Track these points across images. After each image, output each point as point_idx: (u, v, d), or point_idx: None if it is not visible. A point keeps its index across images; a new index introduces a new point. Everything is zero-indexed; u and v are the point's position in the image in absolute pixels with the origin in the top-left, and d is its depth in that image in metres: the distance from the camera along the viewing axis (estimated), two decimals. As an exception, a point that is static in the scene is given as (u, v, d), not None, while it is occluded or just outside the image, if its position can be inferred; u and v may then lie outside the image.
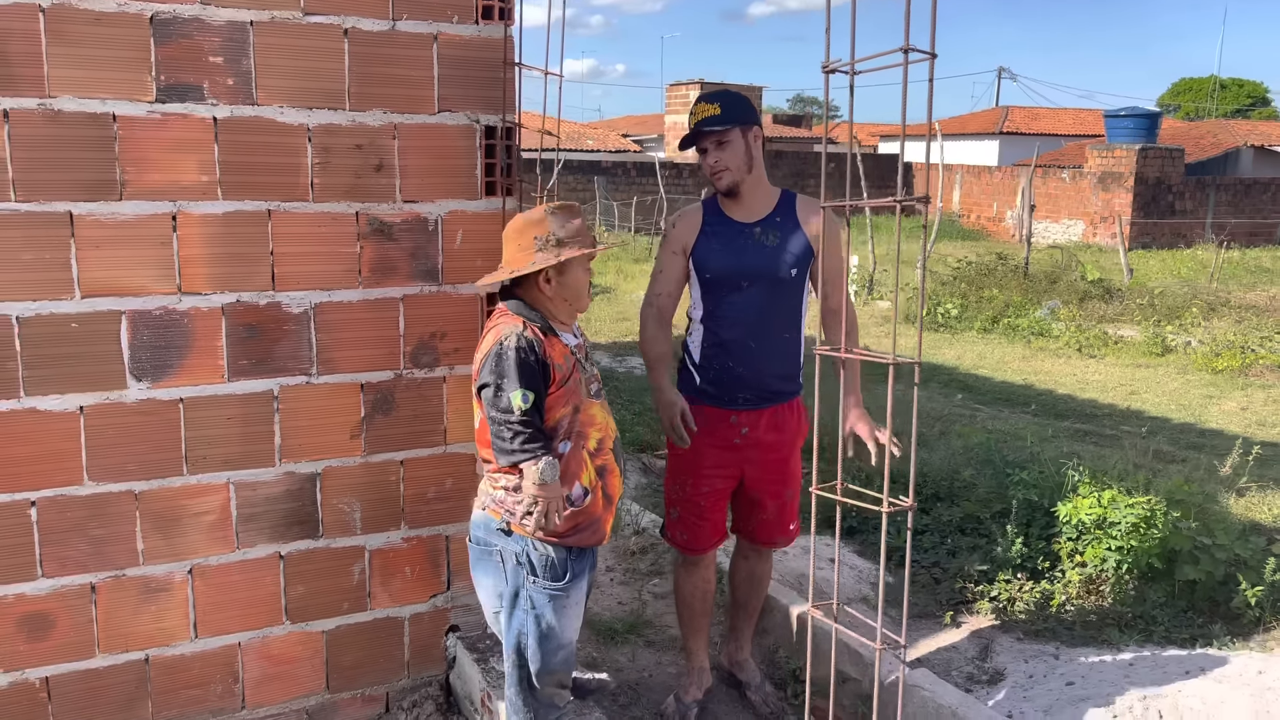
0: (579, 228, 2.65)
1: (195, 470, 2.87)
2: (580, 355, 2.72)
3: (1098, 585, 4.37)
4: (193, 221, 2.76)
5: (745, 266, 3.11)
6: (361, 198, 2.96)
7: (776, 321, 3.16)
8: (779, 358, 3.18)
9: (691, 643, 3.50)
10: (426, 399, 3.14)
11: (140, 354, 2.76)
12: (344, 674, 3.18)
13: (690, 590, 3.44)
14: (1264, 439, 7.05)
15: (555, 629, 2.67)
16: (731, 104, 3.09)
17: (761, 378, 3.17)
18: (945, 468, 5.45)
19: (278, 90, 2.80)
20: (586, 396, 2.67)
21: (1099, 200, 25.73)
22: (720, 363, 3.17)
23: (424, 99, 2.99)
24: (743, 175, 3.10)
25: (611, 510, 2.74)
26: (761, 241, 3.13)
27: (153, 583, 2.88)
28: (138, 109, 2.67)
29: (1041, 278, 14.49)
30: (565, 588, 2.66)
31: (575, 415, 2.63)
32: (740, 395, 3.18)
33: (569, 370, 2.62)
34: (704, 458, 3.22)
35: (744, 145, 3.09)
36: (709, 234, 3.17)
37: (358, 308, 3.00)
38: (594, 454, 2.67)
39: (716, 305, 3.17)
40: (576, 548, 2.66)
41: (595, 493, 2.66)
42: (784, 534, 3.40)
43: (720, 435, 3.20)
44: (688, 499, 3.28)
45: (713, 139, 3.07)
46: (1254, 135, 32.31)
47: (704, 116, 3.08)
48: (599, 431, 2.69)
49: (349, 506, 3.09)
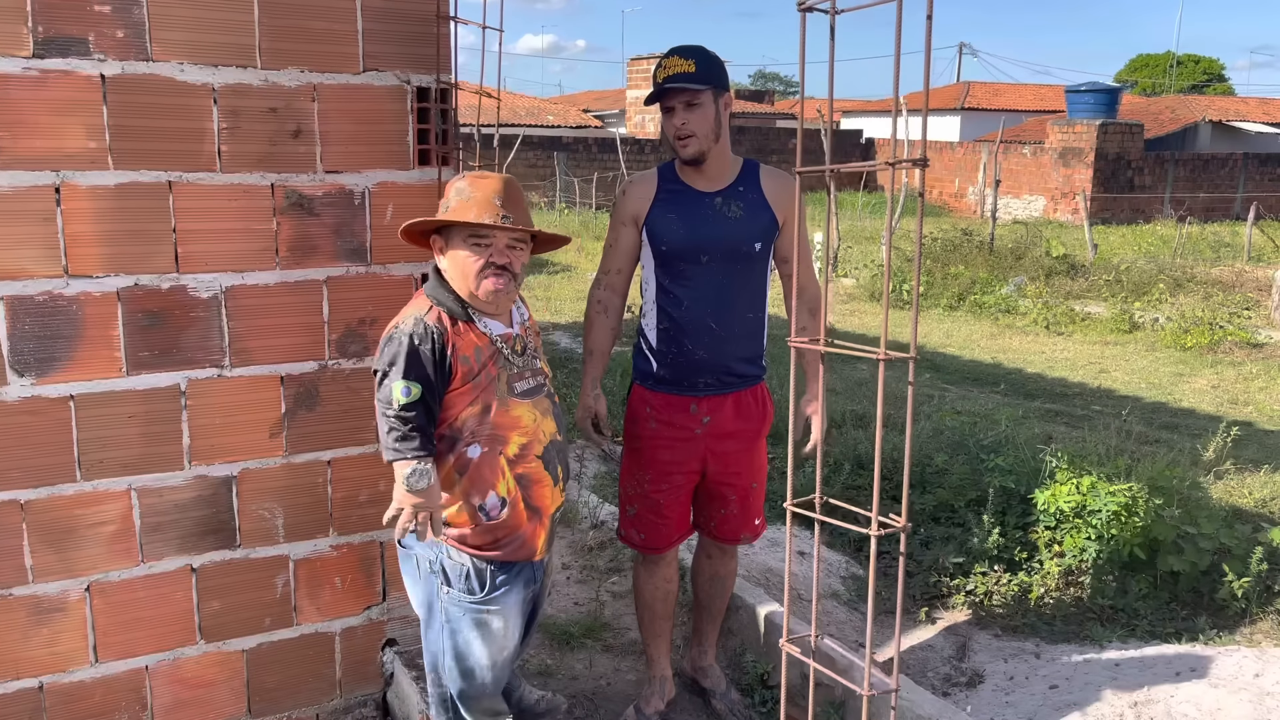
0: (479, 197, 2.28)
1: (91, 476, 2.55)
2: (509, 347, 2.39)
3: (1077, 577, 4.17)
4: (80, 194, 2.43)
5: (704, 238, 2.83)
6: (277, 168, 2.63)
7: (739, 300, 2.89)
8: (742, 339, 2.91)
9: (653, 648, 3.24)
10: (356, 392, 2.83)
11: (22, 346, 2.42)
12: (268, 696, 2.88)
13: (650, 592, 3.17)
14: (1237, 418, 6.93)
15: (472, 650, 2.38)
16: (707, 63, 2.78)
17: (723, 361, 2.90)
18: (916, 453, 5.22)
19: (176, 44, 2.46)
20: (506, 395, 2.34)
21: (1060, 176, 25.75)
22: (678, 346, 2.89)
23: (347, 56, 2.67)
24: (709, 144, 2.81)
25: (542, 523, 2.42)
26: (723, 212, 2.84)
27: (44, 602, 2.56)
28: (12, 65, 2.32)
29: (1007, 254, 14.37)
30: (483, 602, 2.36)
31: (486, 416, 2.31)
32: (700, 380, 2.91)
33: (481, 364, 2.31)
34: (662, 450, 2.95)
35: (714, 110, 2.80)
36: (665, 202, 2.87)
37: (275, 291, 2.69)
38: (514, 460, 2.35)
39: (673, 282, 2.88)
40: (503, 562, 2.37)
41: (515, 504, 2.35)
42: (749, 529, 3.13)
43: (679, 425, 2.93)
44: (645, 495, 3.00)
45: (683, 98, 2.76)
46: (1212, 110, 32.51)
47: (676, 72, 2.76)
48: (523, 436, 2.36)
49: (270, 512, 2.78)
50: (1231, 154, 28.01)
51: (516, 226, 2.30)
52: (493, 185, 2.29)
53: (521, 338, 2.45)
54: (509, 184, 2.33)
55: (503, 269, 2.30)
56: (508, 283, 2.32)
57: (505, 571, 2.38)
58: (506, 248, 2.32)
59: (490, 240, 2.30)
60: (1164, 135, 30.11)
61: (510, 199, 2.30)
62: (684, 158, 2.83)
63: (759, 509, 3.14)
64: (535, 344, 2.52)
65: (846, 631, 3.89)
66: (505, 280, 2.31)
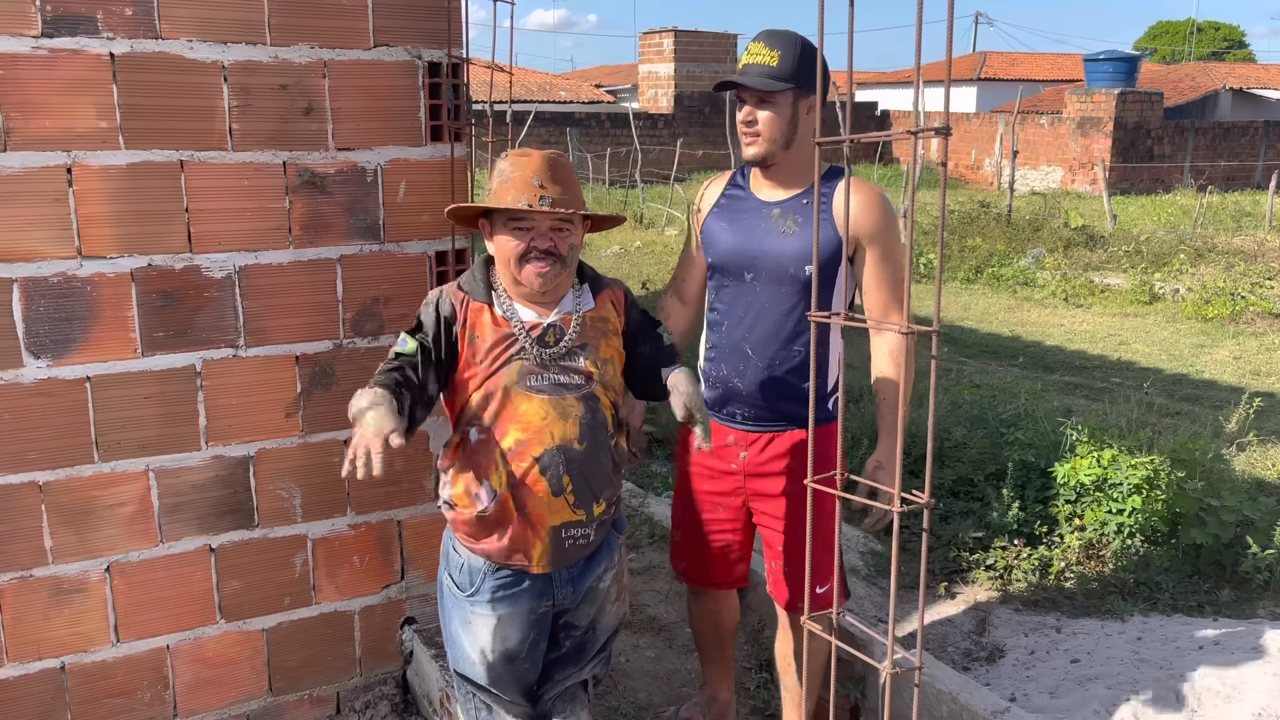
0: (518, 178, 2.10)
1: (108, 457, 2.55)
2: (529, 336, 2.18)
3: (1098, 550, 4.14)
4: (92, 174, 2.41)
5: (749, 253, 2.55)
6: (289, 145, 2.61)
7: (784, 329, 2.54)
8: (789, 374, 2.56)
9: (705, 670, 3.08)
10: (371, 371, 2.76)
11: (37, 327, 2.42)
12: (288, 675, 2.89)
13: (697, 621, 2.99)
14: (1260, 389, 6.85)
15: (461, 641, 2.30)
16: (795, 56, 2.44)
17: (762, 395, 2.59)
18: (935, 427, 5.18)
19: (185, 22, 2.44)
20: (514, 385, 2.16)
21: (1078, 146, 25.44)
22: (718, 370, 2.66)
23: (358, 31, 2.63)
24: (777, 149, 2.50)
25: (538, 536, 2.19)
26: (777, 226, 2.54)
27: (65, 583, 2.57)
28: (21, 45, 2.30)
29: (1025, 225, 14.24)
30: (469, 601, 2.26)
31: (488, 404, 2.16)
32: (737, 412, 2.64)
33: (490, 348, 2.16)
34: (703, 480, 2.76)
35: (791, 113, 2.47)
36: (723, 207, 2.64)
37: (289, 270, 2.67)
38: (508, 455, 2.15)
39: (718, 298, 2.65)
40: (500, 565, 2.23)
41: (504, 502, 2.17)
42: (802, 597, 2.59)
43: (720, 456, 2.69)
44: (689, 523, 2.81)
45: (755, 94, 2.46)
46: (1233, 78, 32.04)
47: (756, 62, 2.46)
48: (522, 432, 2.14)
49: (287, 492, 2.78)
50: (1252, 122, 27.60)
51: (555, 210, 2.10)
52: (533, 165, 2.12)
53: (559, 326, 2.20)
54: (552, 162, 2.14)
55: (547, 253, 2.13)
56: (553, 266, 2.14)
57: (503, 579, 2.23)
58: (551, 230, 2.14)
59: (531, 223, 2.13)
60: (1184, 104, 29.71)
61: (555, 178, 2.12)
62: (746, 157, 2.56)
63: (821, 575, 2.64)
64: (592, 341, 2.24)
65: (865, 606, 3.87)
66: (550, 264, 2.13)
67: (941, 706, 2.90)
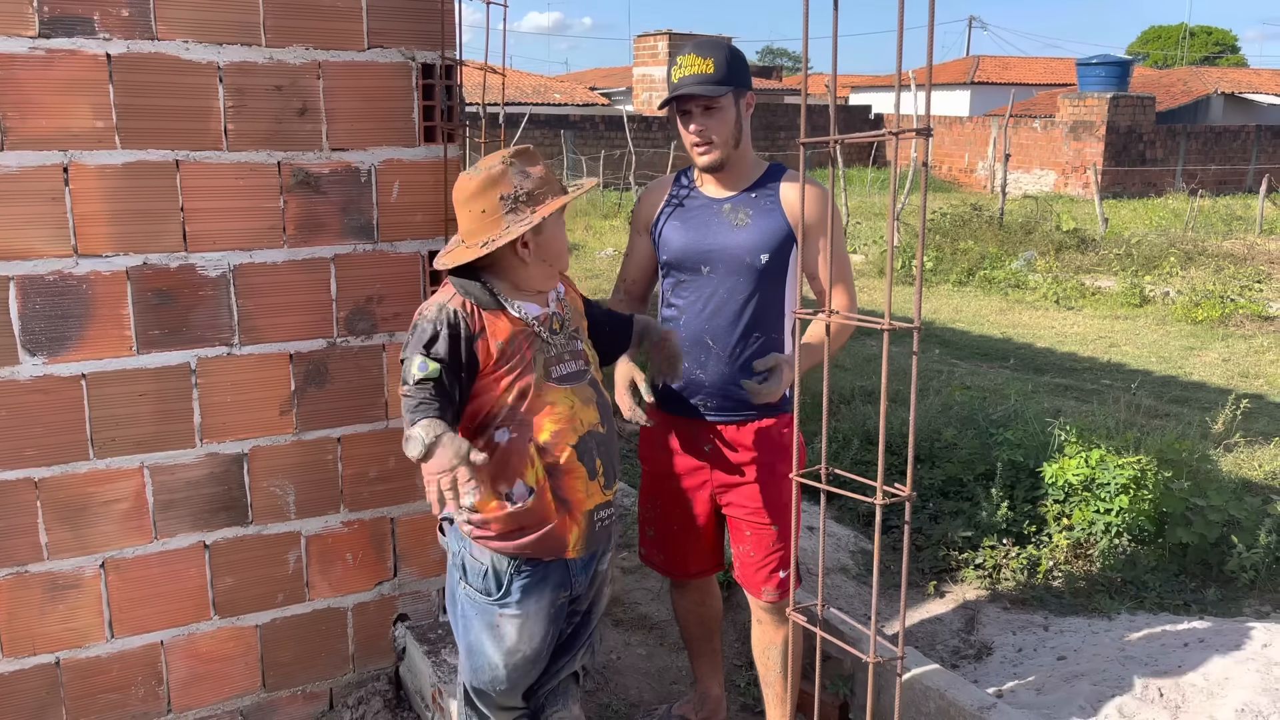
0: (545, 174, 2.20)
1: (104, 454, 2.57)
2: (545, 327, 2.25)
3: (1086, 549, 4.18)
4: (88, 173, 2.43)
5: (704, 247, 2.63)
6: (283, 146, 2.63)
7: (743, 318, 2.64)
8: (749, 362, 2.63)
9: (694, 665, 3.12)
10: (364, 369, 2.84)
11: (33, 325, 2.44)
12: (281, 671, 2.91)
13: (683, 614, 3.04)
14: (1248, 391, 6.90)
15: (483, 648, 2.30)
16: (728, 61, 2.55)
17: (725, 384, 2.66)
18: (925, 428, 5.23)
19: (181, 22, 2.46)
20: (543, 380, 2.21)
21: (1070, 150, 25.56)
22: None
23: (352, 33, 2.66)
24: (729, 150, 2.59)
25: (574, 518, 2.26)
26: (729, 220, 2.63)
27: (60, 579, 2.59)
28: (18, 45, 2.33)
29: (1017, 229, 14.30)
30: (498, 604, 2.26)
31: (521, 402, 2.19)
32: (702, 403, 2.70)
33: (515, 348, 2.19)
34: (673, 470, 2.80)
35: (735, 114, 2.57)
36: (672, 207, 2.72)
37: (283, 269, 2.69)
38: (544, 449, 2.19)
39: (674, 294, 2.72)
40: (526, 559, 2.25)
41: (542, 494, 2.21)
42: (769, 582, 2.75)
43: (686, 449, 2.77)
44: (661, 516, 2.87)
45: (700, 103, 2.55)
46: (1225, 82, 32.19)
47: (693, 73, 2.53)
48: (556, 423, 2.20)
49: (281, 489, 2.80)
50: (1244, 126, 27.75)
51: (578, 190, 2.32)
52: (541, 162, 2.23)
53: (559, 314, 2.30)
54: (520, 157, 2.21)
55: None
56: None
57: (529, 574, 2.25)
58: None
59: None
60: (1176, 108, 29.83)
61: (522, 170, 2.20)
62: (702, 167, 2.64)
63: (783, 560, 2.74)
64: (578, 325, 2.36)
65: (855, 605, 3.90)
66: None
67: (929, 703, 2.93)
